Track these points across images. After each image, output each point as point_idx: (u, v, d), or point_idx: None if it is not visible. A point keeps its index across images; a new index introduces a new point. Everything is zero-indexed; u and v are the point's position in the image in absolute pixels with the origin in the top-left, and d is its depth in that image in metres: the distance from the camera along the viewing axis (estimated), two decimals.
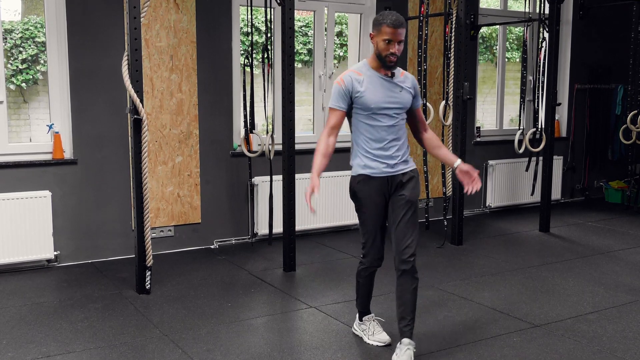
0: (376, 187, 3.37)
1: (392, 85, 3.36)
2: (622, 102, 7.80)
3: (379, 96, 3.31)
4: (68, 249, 5.14)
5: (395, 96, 3.35)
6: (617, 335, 3.76)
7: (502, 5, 7.34)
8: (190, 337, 3.71)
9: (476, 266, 5.17)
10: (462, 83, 5.60)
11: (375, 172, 3.36)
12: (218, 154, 5.65)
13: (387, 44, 3.23)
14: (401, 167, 3.39)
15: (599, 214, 7.18)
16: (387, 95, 3.33)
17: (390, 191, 3.39)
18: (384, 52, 3.25)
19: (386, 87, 3.34)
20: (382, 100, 3.32)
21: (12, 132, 5.46)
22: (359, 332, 3.72)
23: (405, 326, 3.38)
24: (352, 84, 3.31)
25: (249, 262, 5.24)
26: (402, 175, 3.39)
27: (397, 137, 3.38)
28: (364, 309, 3.71)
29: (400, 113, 3.39)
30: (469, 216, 6.97)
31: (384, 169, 3.36)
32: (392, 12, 3.32)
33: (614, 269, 5.08)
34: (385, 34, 3.23)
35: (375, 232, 3.45)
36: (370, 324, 3.67)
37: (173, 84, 5.37)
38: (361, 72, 3.35)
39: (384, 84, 3.34)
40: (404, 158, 3.42)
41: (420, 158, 6.64)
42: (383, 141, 3.35)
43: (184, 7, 5.36)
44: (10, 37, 5.72)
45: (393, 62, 3.28)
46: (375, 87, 3.32)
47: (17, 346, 3.56)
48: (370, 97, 3.30)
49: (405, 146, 3.44)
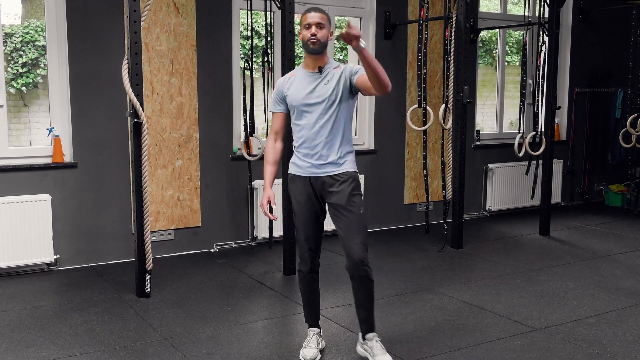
0: (300, 187, 3.37)
1: (319, 80, 3.30)
2: (622, 105, 7.81)
3: (301, 94, 3.31)
4: (68, 253, 5.13)
5: (319, 91, 3.29)
6: (618, 339, 3.76)
7: (502, 9, 7.35)
8: (190, 340, 3.70)
9: (476, 270, 5.16)
10: (461, 86, 5.60)
11: (300, 171, 3.36)
12: (218, 158, 5.65)
13: (306, 29, 3.27)
14: (329, 169, 3.30)
15: (598, 218, 7.17)
16: (310, 91, 3.30)
17: (318, 192, 3.35)
18: (305, 37, 3.28)
19: (311, 84, 3.31)
20: (304, 97, 3.30)
21: (12, 135, 5.46)
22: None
23: (365, 324, 3.41)
24: (283, 85, 3.40)
25: (249, 265, 5.24)
26: (328, 179, 3.30)
27: (325, 135, 3.28)
28: (308, 321, 3.60)
29: (327, 110, 3.27)
30: (469, 220, 6.97)
31: (308, 169, 3.33)
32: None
33: (614, 273, 5.08)
34: (304, 21, 3.30)
35: (299, 232, 3.43)
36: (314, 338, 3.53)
37: (173, 87, 5.38)
38: (295, 73, 3.42)
39: (311, 81, 3.32)
40: (333, 160, 3.30)
41: (420, 162, 6.65)
42: (308, 140, 3.30)
43: (184, 11, 5.37)
44: (11, 40, 5.73)
45: (315, 45, 3.24)
46: (301, 85, 3.33)
47: (17, 350, 3.56)
48: (293, 96, 3.33)
49: (338, 146, 3.31)
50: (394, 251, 5.73)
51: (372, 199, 6.45)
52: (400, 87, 6.51)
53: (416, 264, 5.32)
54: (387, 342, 3.67)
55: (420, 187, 6.73)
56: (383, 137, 6.51)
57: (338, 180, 3.29)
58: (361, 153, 6.41)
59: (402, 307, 4.26)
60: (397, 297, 4.46)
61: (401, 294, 4.53)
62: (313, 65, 3.32)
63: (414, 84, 6.43)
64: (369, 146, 6.51)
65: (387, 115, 6.49)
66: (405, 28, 6.47)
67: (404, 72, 6.52)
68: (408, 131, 6.57)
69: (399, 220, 6.69)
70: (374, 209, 6.48)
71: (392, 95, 6.46)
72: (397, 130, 6.56)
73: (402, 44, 6.49)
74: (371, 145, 6.50)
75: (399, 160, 6.62)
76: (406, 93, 6.54)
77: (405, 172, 6.68)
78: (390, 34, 6.39)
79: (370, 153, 6.46)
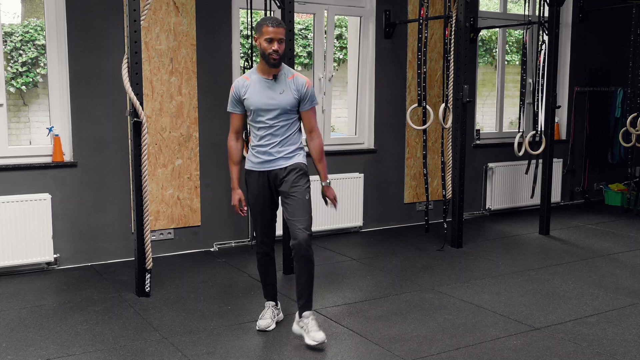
0: (255, 180, 3.70)
1: (274, 88, 3.61)
2: (622, 104, 7.81)
3: (258, 99, 3.60)
4: (68, 252, 5.13)
5: (274, 98, 3.60)
6: (617, 338, 3.76)
7: (502, 8, 7.35)
8: (190, 340, 3.70)
9: (476, 269, 5.17)
10: (461, 86, 5.60)
11: (256, 166, 3.68)
12: (218, 157, 5.65)
13: (268, 42, 3.51)
14: (281, 162, 3.65)
15: (598, 217, 7.18)
16: (267, 97, 3.60)
17: (272, 184, 3.69)
18: (267, 50, 3.52)
19: (267, 90, 3.61)
20: (261, 102, 3.60)
21: (12, 134, 5.46)
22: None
23: (303, 303, 3.64)
24: (239, 89, 3.65)
25: (248, 264, 5.24)
26: (280, 170, 3.65)
27: (279, 135, 3.63)
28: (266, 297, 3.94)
29: (281, 115, 3.61)
30: (469, 219, 6.97)
31: (263, 164, 3.66)
32: (272, 16, 3.64)
33: (614, 272, 5.08)
34: (266, 34, 3.51)
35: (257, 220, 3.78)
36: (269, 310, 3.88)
37: (173, 86, 5.38)
38: (249, 77, 3.67)
39: (265, 87, 3.61)
40: (285, 155, 3.64)
41: (420, 161, 6.65)
42: (264, 138, 3.64)
43: (183, 10, 5.36)
44: (11, 39, 5.74)
45: (276, 60, 3.53)
46: (257, 90, 3.61)
47: (17, 349, 3.56)
48: (251, 100, 3.61)
49: (290, 143, 3.65)
50: (394, 250, 5.73)
51: (372, 198, 6.45)
52: (400, 86, 6.51)
53: (416, 263, 5.32)
54: (386, 341, 3.69)
55: (420, 187, 6.73)
56: (383, 136, 6.51)
57: (287, 170, 3.65)
58: (361, 152, 6.41)
59: (401, 306, 4.26)
60: (396, 296, 4.46)
61: (401, 293, 4.53)
62: (268, 73, 3.62)
63: (414, 83, 6.43)
64: (368, 145, 6.51)
65: (387, 115, 6.49)
66: (405, 27, 6.47)
67: (404, 71, 6.51)
68: (408, 130, 6.57)
69: (398, 219, 6.69)
70: (373, 208, 6.48)
71: (392, 94, 6.47)
72: (397, 129, 6.56)
73: (402, 43, 6.49)
74: (371, 145, 6.50)
75: (398, 159, 6.61)
76: (406, 92, 6.54)
77: (405, 172, 6.68)
78: (390, 33, 6.39)
79: (370, 152, 6.46)
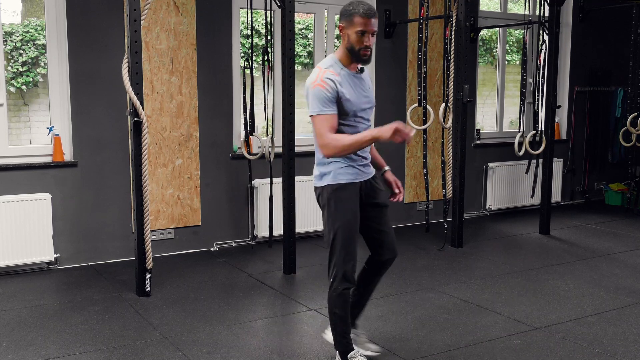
0: (354, 195, 3.07)
1: (362, 83, 3.07)
2: (622, 104, 7.81)
3: (355, 98, 2.99)
4: (68, 252, 5.13)
5: (367, 95, 3.07)
6: (618, 337, 3.76)
7: (502, 8, 7.35)
8: (190, 339, 3.70)
9: (476, 269, 5.16)
10: (462, 85, 5.60)
11: (353, 178, 3.07)
12: (218, 157, 5.65)
13: (360, 36, 2.91)
14: (372, 169, 3.20)
15: (599, 217, 7.18)
16: (362, 95, 3.04)
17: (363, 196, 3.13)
18: (357, 45, 2.93)
19: (359, 87, 3.04)
20: (360, 102, 3.02)
21: (12, 134, 5.46)
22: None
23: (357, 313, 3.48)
24: (337, 86, 2.93)
25: (249, 264, 5.24)
26: (374, 179, 3.19)
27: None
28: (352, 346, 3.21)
29: (370, 114, 3.13)
30: (469, 219, 6.97)
31: (359, 175, 3.10)
32: (363, 1, 2.95)
33: (614, 272, 5.08)
34: (358, 25, 2.90)
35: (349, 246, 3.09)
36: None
37: (173, 86, 5.38)
38: (336, 71, 2.98)
39: (357, 83, 3.03)
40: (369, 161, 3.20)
41: (420, 161, 6.65)
42: None
43: (184, 10, 5.36)
44: (11, 39, 5.72)
45: (368, 56, 2.96)
46: (351, 88, 2.99)
47: (17, 349, 3.56)
48: (352, 100, 2.98)
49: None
50: None
51: None
52: (400, 86, 6.51)
53: (416, 262, 5.32)
54: (387, 341, 3.68)
55: (420, 186, 6.73)
56: None
57: (377, 179, 3.21)
58: None
59: (402, 306, 4.26)
60: (397, 296, 4.46)
61: (401, 293, 4.53)
62: (354, 65, 3.03)
63: (414, 83, 6.43)
64: None
65: (387, 114, 6.48)
66: (405, 27, 6.47)
67: (404, 70, 6.51)
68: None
69: (399, 219, 6.69)
70: None
71: (392, 94, 6.47)
72: None
73: (402, 43, 6.48)
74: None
75: (399, 159, 6.61)
76: (406, 92, 6.54)
77: (406, 171, 6.68)
78: (391, 32, 6.39)
79: None
